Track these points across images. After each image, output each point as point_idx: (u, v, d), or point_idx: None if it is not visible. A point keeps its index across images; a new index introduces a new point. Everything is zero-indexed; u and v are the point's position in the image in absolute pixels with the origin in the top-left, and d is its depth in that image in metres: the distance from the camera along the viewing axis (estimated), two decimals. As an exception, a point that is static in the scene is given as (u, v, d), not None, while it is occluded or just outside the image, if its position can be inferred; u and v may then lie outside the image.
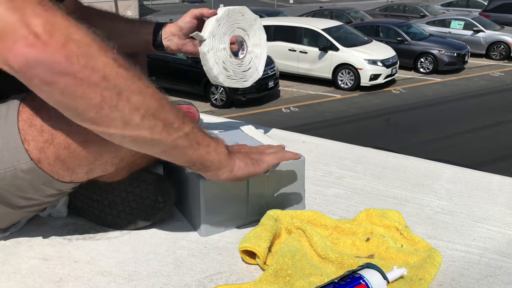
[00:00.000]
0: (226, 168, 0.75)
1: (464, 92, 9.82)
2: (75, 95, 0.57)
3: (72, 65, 0.56)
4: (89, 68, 0.57)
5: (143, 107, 0.62)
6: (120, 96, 0.60)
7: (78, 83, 0.57)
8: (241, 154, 0.79)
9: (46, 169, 0.71)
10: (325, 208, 0.99)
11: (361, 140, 6.41)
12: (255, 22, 1.13)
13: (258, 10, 16.05)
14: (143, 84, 0.63)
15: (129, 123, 0.62)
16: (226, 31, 1.05)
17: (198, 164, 0.73)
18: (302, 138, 1.43)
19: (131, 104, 0.61)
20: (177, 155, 0.70)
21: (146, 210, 0.87)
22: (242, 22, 1.10)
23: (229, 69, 1.07)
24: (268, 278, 0.71)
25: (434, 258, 0.77)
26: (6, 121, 0.70)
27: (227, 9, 1.06)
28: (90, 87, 0.57)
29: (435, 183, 1.12)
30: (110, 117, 0.60)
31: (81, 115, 0.60)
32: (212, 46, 1.02)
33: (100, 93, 0.58)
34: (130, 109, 0.61)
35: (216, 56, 1.04)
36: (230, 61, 1.07)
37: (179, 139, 0.67)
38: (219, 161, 0.74)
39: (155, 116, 0.63)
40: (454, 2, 18.40)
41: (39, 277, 0.75)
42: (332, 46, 10.07)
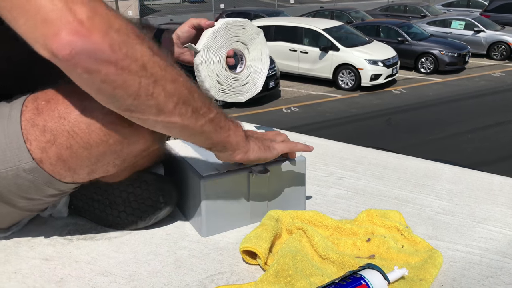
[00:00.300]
0: (242, 149, 0.79)
1: (464, 92, 9.82)
2: (115, 84, 0.59)
3: (115, 54, 0.57)
4: (130, 56, 0.58)
5: (176, 95, 0.65)
6: (156, 84, 0.62)
7: (119, 72, 0.58)
8: (256, 139, 0.83)
9: (47, 169, 0.71)
10: (326, 208, 0.99)
11: (361, 140, 6.41)
12: (257, 36, 1.11)
13: (258, 10, 16.06)
14: (176, 73, 0.65)
15: (163, 110, 0.64)
16: (223, 43, 1.03)
17: (219, 146, 0.77)
18: (303, 139, 1.43)
19: (166, 92, 0.63)
20: (202, 138, 0.74)
21: (147, 210, 0.87)
22: (242, 35, 1.08)
23: (223, 83, 1.06)
24: (269, 279, 0.71)
25: (435, 259, 0.77)
26: (9, 121, 0.70)
27: (226, 21, 1.04)
28: (130, 76, 0.59)
29: (436, 183, 1.12)
30: (146, 104, 0.62)
31: (119, 102, 0.62)
32: (205, 59, 1.01)
33: (139, 81, 0.60)
34: (165, 97, 0.63)
35: (209, 69, 1.03)
36: (225, 75, 1.05)
37: (206, 124, 0.71)
38: (237, 143, 0.78)
39: (186, 103, 0.66)
40: (454, 2, 18.40)
41: (40, 277, 0.75)
42: (332, 46, 10.07)
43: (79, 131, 0.68)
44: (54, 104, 0.69)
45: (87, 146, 0.69)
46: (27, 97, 0.72)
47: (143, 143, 0.74)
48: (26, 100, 0.71)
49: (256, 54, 1.12)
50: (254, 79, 1.13)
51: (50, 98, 0.70)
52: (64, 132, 0.69)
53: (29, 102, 0.71)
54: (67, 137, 0.69)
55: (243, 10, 16.32)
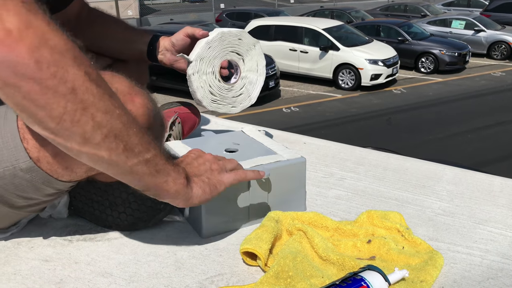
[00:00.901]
0: (182, 198, 0.72)
1: (465, 92, 9.82)
2: (37, 103, 0.55)
3: (40, 71, 0.53)
4: (58, 77, 0.54)
5: (107, 127, 0.59)
6: (84, 112, 0.57)
7: (44, 91, 0.54)
8: (200, 181, 0.75)
9: (45, 168, 0.71)
10: (326, 209, 0.99)
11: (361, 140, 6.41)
12: (254, 47, 1.09)
13: (258, 9, 16.05)
14: (113, 104, 0.60)
15: (89, 141, 0.59)
16: (217, 54, 1.02)
17: (153, 191, 0.70)
18: (303, 139, 1.42)
19: (95, 122, 0.58)
20: (133, 180, 0.67)
21: (146, 211, 0.87)
22: (237, 46, 1.06)
23: (215, 94, 1.05)
24: (269, 280, 0.70)
25: (435, 260, 0.77)
26: (5, 120, 0.70)
27: (221, 32, 1.03)
28: (55, 97, 0.55)
29: (436, 184, 1.12)
30: (70, 131, 0.58)
31: (40, 124, 0.57)
32: (198, 69, 1.00)
33: (64, 105, 0.55)
34: (93, 127, 0.58)
35: (202, 79, 1.02)
36: (218, 86, 1.04)
37: (138, 164, 0.64)
38: (176, 191, 0.70)
39: (117, 138, 0.61)
40: (455, 2, 18.39)
41: (39, 278, 0.75)
42: (333, 45, 10.07)
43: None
44: None
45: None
46: None
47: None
48: None
49: (251, 65, 1.11)
50: (248, 90, 1.11)
51: None
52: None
53: None
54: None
55: (243, 10, 16.31)
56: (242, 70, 1.09)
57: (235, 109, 1.11)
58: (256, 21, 11.33)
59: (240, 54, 1.07)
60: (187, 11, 18.94)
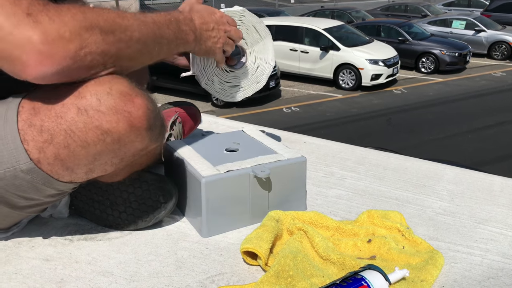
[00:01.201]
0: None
1: (465, 92, 9.81)
2: (84, 75, 0.69)
3: (76, 62, 0.65)
4: (88, 54, 0.66)
5: (132, 51, 0.74)
6: (118, 57, 0.71)
7: (85, 68, 0.67)
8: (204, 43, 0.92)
9: (45, 169, 0.71)
10: (327, 209, 0.99)
11: (362, 140, 6.41)
12: (256, 26, 1.10)
13: (259, 9, 16.05)
14: (126, 36, 0.72)
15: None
16: None
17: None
18: (304, 139, 1.43)
19: (126, 54, 0.73)
20: None
21: (147, 210, 0.87)
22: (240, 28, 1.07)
23: (226, 83, 1.06)
24: (269, 279, 0.71)
25: (436, 260, 0.77)
26: (5, 122, 0.70)
27: None
28: (95, 67, 0.68)
29: (437, 184, 1.12)
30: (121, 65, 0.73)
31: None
32: (205, 75, 1.01)
33: (104, 64, 0.69)
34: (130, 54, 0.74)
35: (210, 80, 1.02)
36: (226, 76, 1.05)
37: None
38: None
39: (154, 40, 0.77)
40: (455, 2, 18.38)
41: (40, 278, 0.75)
42: (333, 46, 10.06)
43: (76, 130, 0.68)
44: (50, 104, 0.69)
45: (84, 145, 0.69)
46: (23, 97, 0.72)
47: (140, 142, 0.74)
48: (22, 100, 0.71)
49: (257, 43, 1.10)
50: (262, 69, 1.11)
51: (46, 98, 0.70)
52: (62, 131, 0.69)
53: (25, 103, 0.71)
54: (64, 136, 0.69)
55: (243, 10, 16.28)
56: (248, 51, 1.10)
57: (259, 85, 1.11)
58: (256, 21, 11.31)
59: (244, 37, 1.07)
60: (187, 11, 18.90)
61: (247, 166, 0.88)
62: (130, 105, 0.70)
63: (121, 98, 0.69)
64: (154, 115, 0.74)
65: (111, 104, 0.69)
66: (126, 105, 0.69)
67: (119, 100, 0.69)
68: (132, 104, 0.70)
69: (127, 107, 0.69)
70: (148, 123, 0.72)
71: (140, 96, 0.72)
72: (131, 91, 0.71)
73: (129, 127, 0.70)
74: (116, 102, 0.69)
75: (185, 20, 0.86)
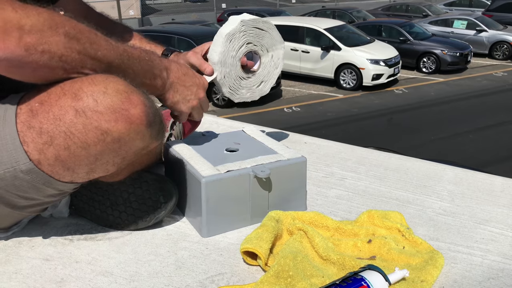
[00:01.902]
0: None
1: (466, 92, 9.80)
2: (40, 76, 0.68)
3: (31, 55, 0.64)
4: (46, 52, 0.65)
5: (98, 68, 0.72)
6: (78, 65, 0.70)
7: (41, 67, 0.66)
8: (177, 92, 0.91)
9: (46, 170, 0.71)
10: (327, 209, 0.99)
11: (363, 140, 6.41)
12: (270, 32, 1.11)
13: (260, 9, 16.05)
14: (93, 49, 0.71)
15: None
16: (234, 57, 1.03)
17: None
18: (304, 139, 1.42)
19: (88, 66, 0.71)
20: None
21: (147, 210, 0.87)
22: (255, 37, 1.07)
23: (238, 87, 1.07)
24: (269, 279, 0.70)
25: (436, 260, 0.77)
26: (4, 123, 0.70)
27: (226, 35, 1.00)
28: (53, 69, 0.67)
29: (437, 184, 1.12)
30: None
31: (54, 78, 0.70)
32: (221, 77, 1.02)
33: (63, 68, 0.68)
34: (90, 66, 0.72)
35: (224, 80, 1.04)
36: (240, 80, 1.06)
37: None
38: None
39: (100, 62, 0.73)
40: (457, 2, 18.36)
41: (40, 278, 0.75)
42: (334, 45, 10.05)
43: (76, 131, 0.68)
44: (48, 106, 0.69)
45: (84, 146, 0.69)
46: (20, 99, 0.72)
47: (141, 139, 0.74)
48: (20, 101, 0.71)
49: (269, 50, 1.12)
50: (270, 74, 1.13)
51: (43, 100, 0.70)
52: (61, 133, 0.69)
53: (22, 104, 0.71)
54: (64, 138, 0.69)
55: (244, 10, 16.31)
56: (263, 58, 1.10)
57: (254, 96, 1.13)
58: (257, 21, 11.32)
59: (258, 42, 1.07)
60: (188, 11, 18.94)
61: (247, 166, 0.88)
62: (127, 103, 0.70)
63: (118, 97, 0.69)
64: (152, 112, 0.74)
65: (108, 103, 0.69)
66: (123, 103, 0.69)
67: (115, 98, 0.69)
68: (129, 102, 0.70)
69: (124, 105, 0.69)
70: (147, 119, 0.72)
71: (136, 93, 0.72)
72: (127, 89, 0.71)
73: (128, 124, 0.70)
74: (113, 101, 0.69)
75: (160, 65, 0.85)
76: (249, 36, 1.04)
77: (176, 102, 0.90)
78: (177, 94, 0.89)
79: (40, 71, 0.66)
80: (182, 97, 0.90)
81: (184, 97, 0.91)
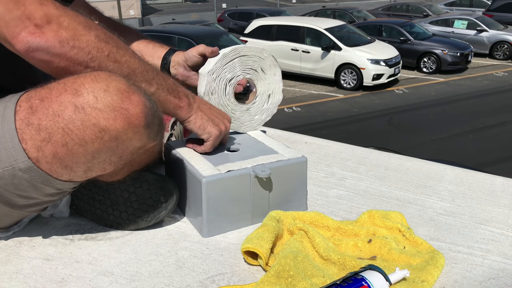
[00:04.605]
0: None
1: (467, 92, 9.79)
2: (63, 68, 0.73)
3: (63, 47, 0.71)
4: (76, 47, 0.72)
5: (118, 72, 0.76)
6: (101, 65, 0.75)
7: (67, 59, 0.72)
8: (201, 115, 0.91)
9: (44, 168, 0.71)
10: (327, 209, 0.99)
11: (363, 140, 6.40)
12: (270, 66, 1.04)
13: (260, 9, 16.04)
14: (119, 53, 0.77)
15: None
16: (229, 73, 1.00)
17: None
18: (305, 139, 1.42)
19: (110, 68, 0.76)
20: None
21: (148, 210, 0.87)
22: (252, 64, 1.02)
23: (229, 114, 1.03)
24: (270, 279, 0.70)
25: (436, 260, 0.77)
26: (3, 121, 0.70)
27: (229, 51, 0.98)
28: (78, 64, 0.73)
29: (438, 184, 1.12)
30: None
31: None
32: (210, 89, 0.99)
33: (86, 65, 0.74)
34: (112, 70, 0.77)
35: (214, 99, 1.01)
36: (232, 106, 1.04)
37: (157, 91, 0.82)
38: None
39: (130, 77, 0.78)
40: (457, 2, 18.34)
41: (41, 277, 0.75)
42: (334, 45, 10.05)
43: (74, 128, 0.68)
44: (48, 102, 0.69)
45: (82, 143, 0.70)
46: (20, 96, 0.72)
47: (138, 139, 0.74)
48: (19, 99, 0.71)
49: (268, 85, 1.07)
50: (263, 111, 1.08)
51: (44, 96, 0.70)
52: (59, 130, 0.69)
53: (22, 102, 0.71)
54: (62, 134, 0.69)
55: (245, 10, 16.30)
56: (258, 89, 1.06)
57: (246, 129, 1.08)
58: (258, 21, 11.32)
59: (256, 71, 1.03)
60: (189, 11, 18.93)
61: (247, 166, 0.88)
62: (127, 102, 0.70)
63: (118, 95, 0.69)
64: (152, 113, 0.74)
65: (108, 101, 0.69)
66: (123, 102, 0.70)
67: (116, 97, 0.69)
68: (129, 101, 0.70)
69: (124, 104, 0.70)
70: (145, 120, 0.72)
71: (137, 93, 0.72)
72: (128, 88, 0.71)
73: (126, 124, 0.70)
74: (113, 99, 0.69)
75: (185, 90, 0.89)
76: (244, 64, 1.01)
77: (205, 123, 0.89)
78: (205, 116, 0.90)
79: (66, 62, 0.72)
80: (210, 119, 0.90)
81: (213, 119, 0.91)
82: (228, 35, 9.96)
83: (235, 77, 1.01)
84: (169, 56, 1.07)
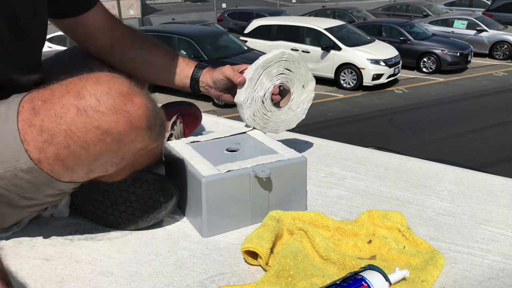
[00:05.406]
0: None
1: (467, 92, 9.79)
2: None
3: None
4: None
5: None
6: None
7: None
8: None
9: (46, 169, 0.71)
10: (327, 209, 0.99)
11: (363, 140, 6.40)
12: (300, 69, 1.10)
13: (260, 9, 16.04)
14: None
15: None
16: (267, 83, 1.04)
17: None
18: (304, 139, 1.42)
19: None
20: None
21: (148, 210, 0.87)
22: (287, 71, 1.07)
23: (264, 119, 1.08)
24: (270, 279, 0.70)
25: (436, 260, 0.77)
26: (5, 121, 0.70)
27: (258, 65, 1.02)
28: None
29: (438, 184, 1.12)
30: None
31: None
32: (249, 100, 1.03)
33: None
34: None
35: (252, 108, 1.04)
36: (269, 112, 1.08)
37: None
38: None
39: None
40: (457, 2, 18.34)
41: (40, 277, 0.75)
42: (334, 45, 10.05)
43: (76, 130, 0.68)
44: (50, 104, 0.69)
45: (84, 145, 0.70)
46: (23, 97, 0.72)
47: (140, 141, 0.74)
48: (22, 100, 0.71)
49: (300, 87, 1.12)
50: (296, 114, 1.14)
51: (46, 98, 0.70)
52: (62, 132, 0.69)
53: (25, 103, 0.71)
54: (64, 136, 0.69)
55: (245, 10, 16.30)
56: (291, 87, 1.10)
57: (280, 130, 1.14)
58: (257, 21, 11.32)
59: (282, 73, 1.07)
60: (188, 10, 18.93)
61: (247, 166, 0.88)
62: (129, 105, 0.70)
63: (121, 98, 0.69)
64: (154, 115, 0.74)
65: (110, 104, 0.69)
66: (125, 104, 0.70)
67: (118, 100, 0.69)
68: (131, 104, 0.70)
69: (126, 107, 0.70)
70: (147, 122, 0.72)
71: (139, 96, 0.72)
72: (131, 91, 0.71)
73: (128, 127, 0.70)
74: (115, 102, 0.69)
75: None
76: (283, 67, 1.06)
77: None
78: None
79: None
80: None
81: None
82: (228, 35, 9.96)
83: (267, 92, 1.06)
84: (197, 76, 1.07)
